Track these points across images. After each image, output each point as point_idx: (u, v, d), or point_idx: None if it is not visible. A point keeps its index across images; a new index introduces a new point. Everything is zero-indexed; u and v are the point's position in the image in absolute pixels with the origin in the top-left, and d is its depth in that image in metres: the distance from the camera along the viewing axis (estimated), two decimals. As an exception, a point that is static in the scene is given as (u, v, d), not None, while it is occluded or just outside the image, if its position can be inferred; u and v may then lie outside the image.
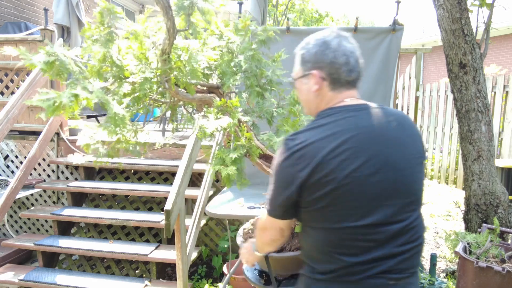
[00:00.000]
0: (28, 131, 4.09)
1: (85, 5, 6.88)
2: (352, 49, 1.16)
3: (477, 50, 3.02)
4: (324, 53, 1.16)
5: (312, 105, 1.23)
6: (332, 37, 1.17)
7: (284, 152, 1.12)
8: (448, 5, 2.94)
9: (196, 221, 2.89)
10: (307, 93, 1.22)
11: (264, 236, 1.32)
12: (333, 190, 1.05)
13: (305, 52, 1.20)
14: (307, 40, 1.22)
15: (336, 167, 1.05)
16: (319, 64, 1.16)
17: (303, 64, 1.21)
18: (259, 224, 1.33)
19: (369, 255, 1.07)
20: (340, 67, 1.14)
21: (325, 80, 1.16)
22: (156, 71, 1.45)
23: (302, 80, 1.22)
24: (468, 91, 3.04)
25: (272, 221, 1.22)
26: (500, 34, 9.53)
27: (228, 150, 1.52)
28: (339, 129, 1.09)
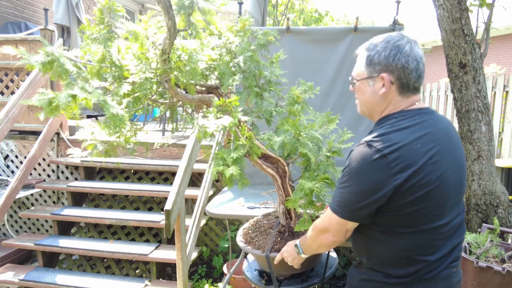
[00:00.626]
0: (28, 131, 4.09)
1: (85, 5, 6.88)
2: (422, 55, 1.18)
3: (477, 50, 3.02)
4: (396, 57, 1.15)
5: (377, 107, 1.23)
6: (404, 41, 1.16)
7: (371, 154, 1.08)
8: (448, 5, 2.94)
9: (196, 221, 2.89)
10: (372, 94, 1.21)
11: (325, 238, 1.26)
12: (427, 193, 1.08)
13: (373, 54, 1.19)
14: (374, 42, 1.22)
15: (431, 170, 1.08)
16: (389, 67, 1.16)
17: (370, 66, 1.20)
18: (318, 225, 1.27)
19: (443, 250, 1.15)
20: (410, 72, 1.15)
21: (394, 84, 1.17)
22: (156, 71, 1.44)
23: (367, 81, 1.21)
24: (468, 91, 3.04)
25: (340, 223, 1.18)
26: (500, 34, 9.53)
27: (228, 150, 1.52)
28: (426, 131, 1.12)
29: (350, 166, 1.13)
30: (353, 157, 1.13)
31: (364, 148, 1.10)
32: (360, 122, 3.35)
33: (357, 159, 1.11)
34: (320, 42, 3.33)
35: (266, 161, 1.64)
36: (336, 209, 1.17)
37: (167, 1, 1.28)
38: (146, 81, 1.41)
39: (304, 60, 3.32)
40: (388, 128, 1.13)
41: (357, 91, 1.27)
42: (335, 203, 1.18)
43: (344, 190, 1.15)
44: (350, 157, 1.14)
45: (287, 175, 1.65)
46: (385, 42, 1.18)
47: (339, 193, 1.17)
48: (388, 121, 1.17)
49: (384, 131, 1.12)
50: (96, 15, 1.45)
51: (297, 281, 1.67)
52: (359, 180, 1.10)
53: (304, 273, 1.71)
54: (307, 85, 1.72)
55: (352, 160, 1.13)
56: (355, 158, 1.12)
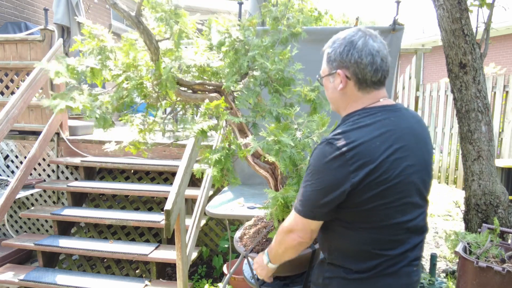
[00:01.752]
0: (28, 131, 4.09)
1: (85, 5, 6.88)
2: (378, 48, 1.16)
3: (477, 50, 3.02)
4: (350, 53, 1.16)
5: (340, 103, 1.25)
6: (358, 36, 1.17)
7: (330, 152, 1.09)
8: (448, 5, 2.94)
9: (196, 221, 2.89)
10: (333, 91, 1.25)
11: (290, 240, 1.23)
12: (387, 189, 1.09)
13: (331, 51, 1.22)
14: (334, 38, 1.23)
15: (390, 166, 1.09)
16: (344, 63, 1.18)
17: (329, 63, 1.23)
18: (284, 226, 1.25)
19: (405, 246, 1.17)
20: (365, 67, 1.14)
21: (350, 79, 1.18)
22: (144, 78, 1.50)
23: (328, 78, 1.25)
24: (468, 91, 3.04)
25: (304, 223, 1.18)
26: (500, 34, 9.53)
27: (215, 150, 1.56)
28: (386, 129, 1.13)
29: (311, 164, 1.15)
30: (314, 155, 1.15)
31: (325, 146, 1.12)
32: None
33: (318, 157, 1.13)
34: (320, 42, 3.31)
35: (263, 162, 1.64)
36: (299, 208, 1.18)
37: (134, 17, 1.35)
38: (133, 88, 1.51)
39: (304, 60, 3.31)
40: (349, 126, 1.14)
41: (324, 89, 1.31)
42: (298, 203, 1.18)
43: (306, 189, 1.15)
44: (312, 156, 1.16)
45: (279, 178, 1.64)
46: (341, 38, 1.20)
47: (301, 192, 1.17)
48: (350, 119, 1.18)
49: (344, 129, 1.13)
50: (85, 34, 1.53)
51: (279, 283, 1.68)
52: (320, 177, 1.12)
53: (290, 277, 1.71)
54: (318, 83, 1.71)
55: (313, 159, 1.15)
56: (317, 157, 1.13)
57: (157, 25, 1.55)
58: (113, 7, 1.36)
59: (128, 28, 8.71)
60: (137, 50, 1.54)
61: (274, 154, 1.38)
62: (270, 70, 1.55)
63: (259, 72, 1.62)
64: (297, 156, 1.42)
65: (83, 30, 1.54)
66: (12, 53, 4.01)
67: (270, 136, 1.40)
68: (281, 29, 1.71)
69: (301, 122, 1.57)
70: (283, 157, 1.37)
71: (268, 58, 1.60)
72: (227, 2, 8.39)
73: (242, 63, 1.58)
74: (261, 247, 1.64)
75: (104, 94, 1.54)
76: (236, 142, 1.56)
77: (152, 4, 1.48)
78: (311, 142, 1.50)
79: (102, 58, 1.51)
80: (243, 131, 1.65)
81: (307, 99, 1.66)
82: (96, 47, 1.53)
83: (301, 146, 1.46)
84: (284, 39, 1.71)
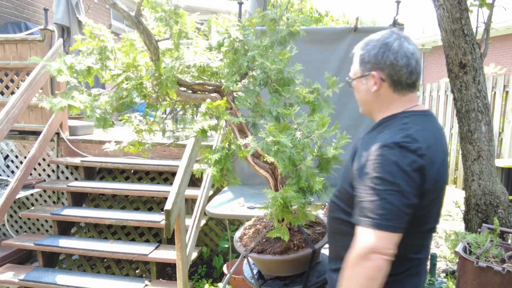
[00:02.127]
0: (28, 131, 4.09)
1: (85, 5, 6.88)
2: (413, 51, 1.17)
3: (477, 50, 3.02)
4: (385, 55, 1.16)
5: (374, 105, 1.25)
6: (393, 38, 1.17)
7: (406, 155, 1.04)
8: (448, 5, 2.94)
9: (196, 221, 2.89)
10: (366, 93, 1.24)
11: (373, 265, 1.01)
12: (438, 194, 1.14)
13: (364, 53, 1.21)
14: (366, 40, 1.23)
15: (442, 171, 1.14)
16: (378, 65, 1.17)
17: (362, 65, 1.22)
18: (358, 254, 1.03)
19: (428, 249, 1.24)
20: (400, 69, 1.15)
21: (385, 81, 1.18)
22: (144, 78, 1.50)
23: (360, 80, 1.24)
24: (468, 91, 3.04)
25: (391, 238, 1.01)
26: (500, 34, 9.53)
27: (214, 150, 1.55)
28: (434, 134, 1.15)
29: (385, 171, 1.04)
30: (385, 160, 1.05)
31: (398, 150, 1.05)
32: (360, 122, 3.35)
33: (393, 162, 1.04)
34: (320, 42, 3.33)
35: (263, 162, 1.63)
36: (382, 224, 1.01)
37: (134, 18, 1.35)
38: (133, 88, 1.51)
39: (304, 60, 3.31)
40: (408, 129, 1.11)
41: (354, 90, 1.30)
42: (378, 218, 1.02)
43: (387, 198, 1.02)
44: (380, 163, 1.05)
45: (279, 178, 1.64)
46: (375, 40, 1.20)
47: (379, 204, 1.02)
48: (399, 121, 1.16)
49: (409, 132, 1.09)
50: (86, 34, 1.54)
51: (279, 283, 1.68)
52: (400, 182, 1.02)
53: (290, 277, 1.71)
54: (317, 85, 1.71)
55: (385, 165, 1.04)
56: (391, 161, 1.04)
57: (156, 25, 1.55)
58: (113, 7, 1.36)
59: (128, 28, 8.71)
60: (137, 51, 1.55)
61: (273, 154, 1.38)
62: (270, 70, 1.55)
63: (259, 72, 1.62)
64: (297, 157, 1.41)
65: (84, 30, 1.54)
66: (12, 53, 4.01)
67: (269, 136, 1.40)
68: (279, 29, 1.71)
69: (301, 122, 1.57)
70: (282, 158, 1.37)
71: (268, 58, 1.60)
72: (227, 2, 8.39)
73: (241, 63, 1.58)
74: (261, 247, 1.64)
75: (104, 94, 1.55)
76: (236, 142, 1.56)
77: (151, 4, 1.48)
78: (311, 142, 1.50)
79: (102, 58, 1.51)
80: (243, 131, 1.65)
81: (306, 101, 1.66)
82: (97, 47, 1.53)
83: (301, 146, 1.45)
84: (283, 39, 1.71)
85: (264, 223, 1.85)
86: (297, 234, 1.68)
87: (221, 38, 1.67)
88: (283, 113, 1.57)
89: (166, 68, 1.44)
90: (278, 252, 1.58)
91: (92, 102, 1.41)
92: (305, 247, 1.61)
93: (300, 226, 1.68)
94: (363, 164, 1.10)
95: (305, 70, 1.78)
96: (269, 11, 1.72)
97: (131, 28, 1.59)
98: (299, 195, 1.44)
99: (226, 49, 1.66)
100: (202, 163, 1.60)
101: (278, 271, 1.68)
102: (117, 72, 1.52)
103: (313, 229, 1.76)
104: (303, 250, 1.60)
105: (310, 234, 1.70)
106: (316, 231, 1.74)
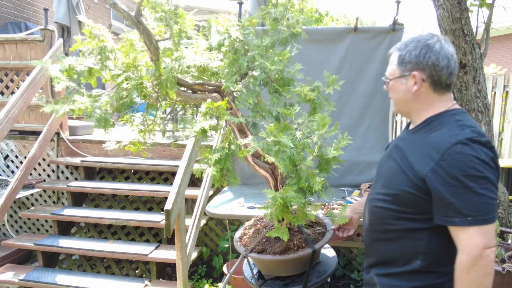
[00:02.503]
0: (28, 131, 4.09)
1: (85, 5, 6.88)
2: (453, 53, 1.21)
3: (477, 50, 3.02)
4: (427, 55, 1.19)
5: (414, 105, 1.27)
6: (434, 40, 1.21)
7: (487, 148, 1.10)
8: (448, 5, 2.94)
9: (196, 221, 2.89)
10: (405, 93, 1.26)
11: (489, 260, 1.07)
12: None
13: (405, 54, 1.23)
14: (406, 42, 1.26)
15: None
16: (420, 65, 1.20)
17: (401, 65, 1.24)
18: (472, 256, 1.06)
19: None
20: (441, 69, 1.18)
21: (425, 81, 1.21)
22: (144, 78, 1.50)
23: (399, 80, 1.26)
24: (468, 91, 3.04)
25: (493, 229, 1.09)
26: (500, 34, 9.53)
27: (215, 150, 1.55)
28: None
29: (471, 167, 1.07)
30: (466, 158, 1.08)
31: (472, 144, 1.09)
32: (360, 122, 3.35)
33: (475, 157, 1.08)
34: (320, 42, 3.33)
35: (263, 162, 1.63)
36: (489, 217, 1.07)
37: (134, 18, 1.35)
38: (133, 88, 1.51)
39: (304, 60, 3.31)
40: (469, 125, 1.15)
41: (391, 90, 1.31)
42: (483, 212, 1.07)
43: (485, 193, 1.07)
44: (461, 160, 1.08)
45: (279, 178, 1.64)
46: (415, 41, 1.22)
47: (480, 200, 1.07)
48: (451, 118, 1.20)
49: (473, 128, 1.14)
50: (85, 34, 1.54)
51: (279, 283, 1.68)
52: (489, 176, 1.09)
53: (290, 277, 1.71)
54: (318, 83, 1.70)
55: (468, 161, 1.08)
56: (472, 157, 1.08)
57: (156, 25, 1.55)
58: (113, 7, 1.36)
59: (128, 28, 8.72)
60: (137, 51, 1.54)
61: (274, 154, 1.38)
62: (270, 70, 1.55)
63: (259, 72, 1.62)
64: (297, 157, 1.41)
65: (84, 30, 1.54)
66: (12, 53, 4.01)
67: (270, 136, 1.40)
68: (280, 30, 1.71)
69: (301, 122, 1.56)
70: (283, 158, 1.37)
71: (268, 58, 1.60)
72: (227, 2, 8.39)
73: (242, 63, 1.58)
74: (261, 247, 1.64)
75: (105, 95, 1.54)
76: (236, 142, 1.56)
77: (152, 4, 1.48)
78: (311, 142, 1.50)
79: (102, 58, 1.51)
80: (243, 131, 1.65)
81: (307, 99, 1.65)
82: (96, 47, 1.53)
83: (301, 147, 1.45)
84: (284, 40, 1.71)
85: (264, 223, 1.85)
86: (297, 234, 1.68)
87: (222, 38, 1.67)
88: (283, 113, 1.57)
89: (166, 69, 1.44)
90: (278, 252, 1.59)
91: (93, 103, 1.42)
92: (305, 247, 1.61)
93: (300, 226, 1.68)
94: (438, 164, 1.11)
95: (305, 70, 1.78)
96: (272, 10, 1.72)
97: (131, 28, 1.59)
98: (299, 195, 1.44)
99: (226, 49, 1.66)
100: (202, 163, 1.60)
101: (278, 271, 1.68)
102: (117, 72, 1.52)
103: (313, 229, 1.76)
104: (303, 250, 1.60)
105: (310, 234, 1.70)
106: (316, 231, 1.74)
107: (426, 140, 1.19)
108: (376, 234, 1.34)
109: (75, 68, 1.40)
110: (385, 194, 1.28)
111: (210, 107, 1.47)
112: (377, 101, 3.33)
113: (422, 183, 1.15)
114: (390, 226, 1.26)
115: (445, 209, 1.11)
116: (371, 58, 3.30)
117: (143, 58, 1.57)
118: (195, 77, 1.68)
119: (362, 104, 3.35)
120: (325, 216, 1.86)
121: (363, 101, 3.35)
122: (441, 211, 1.12)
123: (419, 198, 1.16)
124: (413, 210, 1.20)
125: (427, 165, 1.14)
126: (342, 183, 3.25)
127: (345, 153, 1.53)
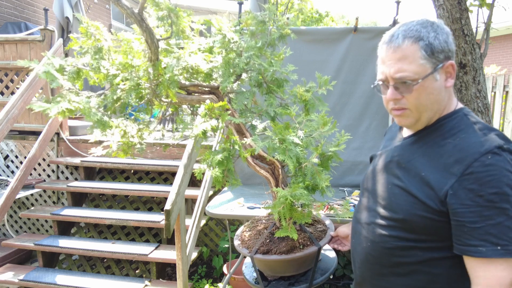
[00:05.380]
0: (28, 131, 4.09)
1: (85, 5, 6.88)
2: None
3: (477, 50, 3.02)
4: (449, 39, 0.97)
5: (444, 104, 1.00)
6: (441, 22, 0.99)
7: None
8: (448, 5, 2.94)
9: (196, 221, 2.89)
10: (440, 91, 0.97)
11: None
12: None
13: (432, 41, 0.94)
14: (413, 28, 0.96)
15: None
16: (450, 53, 0.96)
17: (431, 56, 0.95)
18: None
19: None
20: (454, 55, 0.97)
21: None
22: (142, 78, 1.49)
23: (433, 76, 0.95)
24: (468, 91, 3.04)
25: None
26: (500, 34, 9.54)
27: (216, 151, 1.55)
28: None
29: (506, 184, 0.86)
30: (500, 172, 0.87)
31: (504, 154, 0.88)
32: (360, 122, 3.35)
33: (509, 171, 0.87)
34: (320, 42, 3.33)
35: (262, 162, 1.64)
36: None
37: (137, 15, 1.34)
38: (131, 88, 1.49)
39: (304, 60, 3.33)
40: (490, 128, 0.95)
41: (418, 94, 0.97)
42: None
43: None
44: (493, 175, 0.86)
45: (280, 177, 1.64)
46: (429, 25, 0.96)
47: (507, 227, 0.85)
48: (465, 120, 0.97)
49: (496, 132, 0.93)
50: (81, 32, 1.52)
51: (284, 283, 1.68)
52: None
53: (294, 276, 1.70)
54: (312, 84, 1.71)
55: (502, 176, 0.86)
56: (506, 171, 0.87)
57: (158, 24, 1.53)
58: (116, 4, 1.34)
59: (127, 27, 8.71)
60: (135, 51, 1.54)
61: (281, 152, 1.38)
62: (266, 71, 1.55)
63: (254, 73, 1.62)
64: (301, 155, 1.42)
65: (80, 28, 1.53)
66: (12, 53, 4.01)
67: (277, 135, 1.40)
68: (270, 30, 1.71)
69: (301, 121, 1.57)
70: (289, 156, 1.36)
71: (265, 59, 1.60)
72: (227, 2, 8.38)
73: (237, 63, 1.58)
74: (266, 247, 1.64)
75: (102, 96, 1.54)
76: (239, 142, 1.56)
77: (155, 2, 1.47)
78: (313, 140, 1.50)
79: (98, 58, 1.49)
80: (241, 132, 1.65)
81: (303, 99, 1.66)
82: (92, 46, 1.51)
83: (305, 145, 1.46)
84: (272, 41, 1.70)
85: (264, 224, 1.84)
86: (300, 232, 1.68)
87: (216, 38, 1.67)
88: (281, 113, 1.58)
89: (167, 68, 1.43)
90: (284, 251, 1.58)
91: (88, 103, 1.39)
92: (310, 245, 1.61)
93: (302, 224, 1.68)
94: (462, 179, 0.88)
95: (305, 70, 1.79)
96: (258, 14, 1.72)
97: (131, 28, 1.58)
98: (308, 192, 1.44)
99: (221, 50, 1.66)
100: (204, 165, 1.59)
101: (283, 271, 1.67)
102: (114, 72, 1.51)
103: (314, 227, 1.76)
104: (309, 248, 1.60)
105: (312, 232, 1.70)
106: (317, 229, 1.74)
107: (440, 149, 0.95)
108: (379, 268, 1.09)
109: (65, 68, 1.39)
110: (389, 219, 1.04)
111: (210, 107, 1.47)
112: (377, 101, 3.33)
113: (441, 204, 0.92)
114: (399, 259, 1.02)
115: (467, 236, 0.88)
116: (371, 58, 3.31)
117: (139, 58, 1.56)
118: (187, 79, 1.67)
119: (362, 104, 3.35)
120: (326, 216, 1.88)
121: (363, 101, 3.35)
122: (462, 238, 0.90)
123: (437, 222, 0.94)
124: (430, 238, 0.97)
125: (447, 181, 0.91)
126: (342, 183, 3.25)
127: (345, 153, 1.54)
